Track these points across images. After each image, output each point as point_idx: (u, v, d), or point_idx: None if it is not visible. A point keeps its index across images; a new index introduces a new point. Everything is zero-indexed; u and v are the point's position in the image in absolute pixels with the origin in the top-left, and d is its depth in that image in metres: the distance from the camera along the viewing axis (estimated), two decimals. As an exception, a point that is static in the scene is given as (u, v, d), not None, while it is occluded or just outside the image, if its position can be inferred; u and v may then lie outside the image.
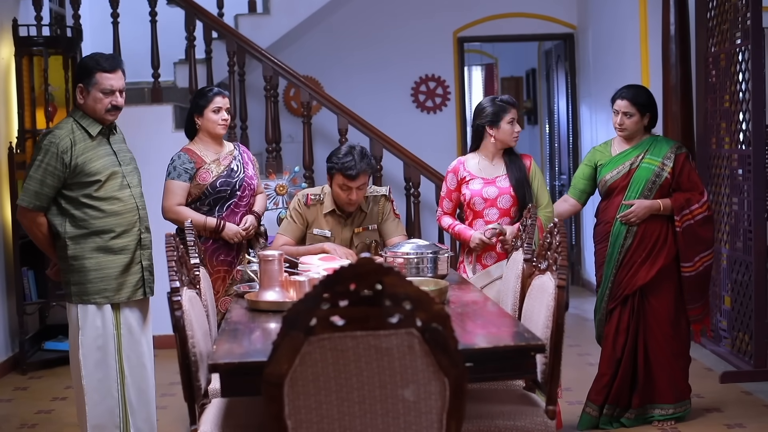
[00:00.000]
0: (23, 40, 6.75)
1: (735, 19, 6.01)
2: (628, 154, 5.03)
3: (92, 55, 4.28)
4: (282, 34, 8.56)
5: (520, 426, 3.36)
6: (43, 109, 6.74)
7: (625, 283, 4.98)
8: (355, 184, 4.69)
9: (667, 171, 4.95)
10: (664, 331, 4.99)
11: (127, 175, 4.30)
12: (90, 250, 4.17)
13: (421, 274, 4.20)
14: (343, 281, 2.49)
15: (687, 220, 4.94)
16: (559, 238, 3.52)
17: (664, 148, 5.00)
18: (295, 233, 4.87)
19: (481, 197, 4.84)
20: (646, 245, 4.95)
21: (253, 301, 3.79)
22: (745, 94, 5.90)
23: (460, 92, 9.54)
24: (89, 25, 8.16)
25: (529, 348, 3.15)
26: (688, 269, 4.99)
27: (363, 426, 2.63)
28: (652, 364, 4.99)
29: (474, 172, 4.90)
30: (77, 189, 4.15)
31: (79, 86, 4.24)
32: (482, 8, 9.36)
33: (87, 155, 4.15)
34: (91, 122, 4.22)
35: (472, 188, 4.88)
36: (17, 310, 6.59)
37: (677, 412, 5.05)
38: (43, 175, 4.11)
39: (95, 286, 4.18)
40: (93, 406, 4.20)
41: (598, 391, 5.04)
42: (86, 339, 4.20)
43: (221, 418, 3.41)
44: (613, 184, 5.02)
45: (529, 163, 4.95)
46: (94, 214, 4.16)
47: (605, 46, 8.50)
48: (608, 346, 5.02)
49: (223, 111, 5.00)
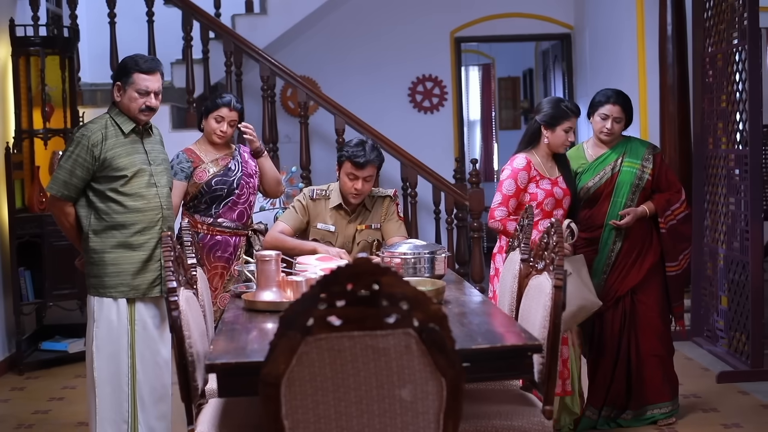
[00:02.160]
0: (20, 40, 6.74)
1: (732, 19, 6.01)
2: (607, 158, 5.00)
3: (133, 56, 4.35)
4: (279, 34, 8.57)
5: (517, 426, 3.36)
6: (40, 109, 6.72)
7: (617, 285, 4.98)
8: (362, 173, 4.72)
9: (647, 173, 4.97)
10: (656, 329, 5.00)
11: (156, 175, 4.34)
12: (109, 244, 4.23)
13: (419, 274, 4.20)
14: (340, 281, 2.49)
15: (670, 220, 4.98)
16: (555, 238, 3.52)
17: (641, 150, 5.00)
18: (294, 223, 4.88)
19: (553, 197, 4.74)
20: (635, 248, 4.97)
21: (250, 301, 3.79)
22: (742, 94, 5.90)
23: (457, 92, 9.56)
24: (86, 25, 8.17)
25: (526, 348, 3.15)
26: (673, 268, 5.03)
27: (360, 426, 2.63)
28: (646, 363, 4.99)
29: (541, 171, 4.78)
30: (104, 182, 4.20)
31: (117, 84, 4.30)
32: (479, 8, 9.38)
33: (116, 150, 4.21)
34: (125, 120, 4.28)
35: (544, 187, 4.73)
36: (14, 310, 6.57)
37: (675, 408, 5.08)
38: (73, 165, 4.17)
39: (112, 279, 4.23)
40: (103, 398, 4.23)
41: (596, 394, 5.04)
42: (100, 331, 4.24)
43: (218, 419, 3.41)
44: (598, 191, 4.98)
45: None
46: (117, 208, 4.21)
47: (602, 46, 8.51)
48: (605, 349, 5.02)
49: (225, 122, 5.02)
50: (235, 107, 5.05)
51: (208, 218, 5.01)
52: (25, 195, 6.83)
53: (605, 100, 4.97)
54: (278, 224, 4.91)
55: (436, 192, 7.49)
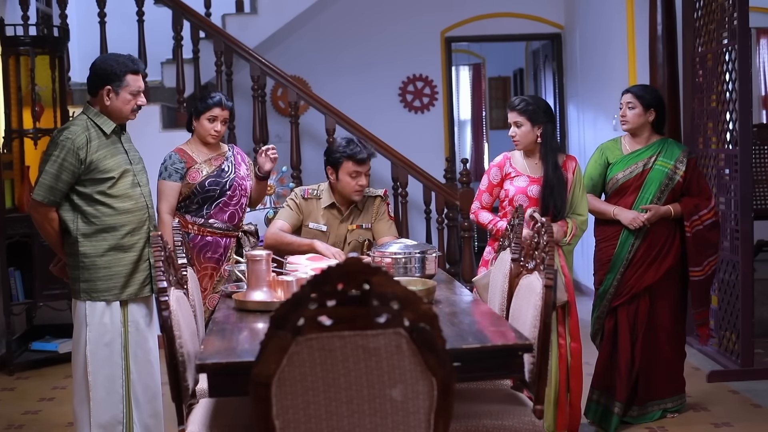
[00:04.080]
0: (10, 40, 6.73)
1: (722, 19, 6.02)
2: (641, 154, 5.05)
3: (115, 57, 4.27)
4: (269, 33, 8.56)
5: (507, 425, 3.36)
6: (30, 108, 6.70)
7: (633, 282, 5.01)
8: (364, 168, 4.81)
9: (679, 174, 4.99)
10: (667, 330, 5.05)
11: (138, 174, 4.33)
12: (101, 247, 4.19)
13: (409, 273, 4.20)
14: (330, 281, 2.49)
15: (696, 225, 5.00)
16: (546, 238, 3.53)
17: (676, 152, 5.04)
18: (291, 220, 4.93)
19: (525, 195, 4.75)
20: (655, 246, 5.00)
21: (240, 301, 3.79)
22: (731, 94, 5.92)
23: (447, 92, 9.56)
24: (76, 24, 8.15)
25: (517, 347, 3.16)
26: (697, 273, 5.06)
27: (351, 426, 2.63)
28: (653, 361, 5.03)
29: (519, 169, 4.83)
30: (90, 185, 4.16)
31: (106, 88, 4.21)
32: (470, 8, 9.38)
33: (101, 152, 4.17)
34: (105, 120, 4.24)
35: (517, 185, 4.78)
36: (4, 311, 6.56)
37: (676, 405, 5.15)
38: (59, 170, 4.11)
39: (105, 283, 4.20)
40: (98, 401, 4.21)
41: (623, 389, 5.04)
42: (93, 335, 4.20)
43: (209, 419, 3.40)
44: (626, 183, 5.03)
45: (574, 165, 4.81)
46: (106, 210, 4.18)
47: (592, 46, 8.52)
48: (619, 344, 5.03)
49: (218, 122, 5.01)
50: (226, 105, 5.04)
51: (199, 219, 4.99)
52: (14, 195, 6.81)
53: (623, 92, 5.12)
54: (277, 222, 4.94)
55: (426, 192, 7.50)
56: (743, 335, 5.83)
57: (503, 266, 4.09)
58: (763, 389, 5.65)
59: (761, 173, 7.47)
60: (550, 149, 4.73)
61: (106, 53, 4.37)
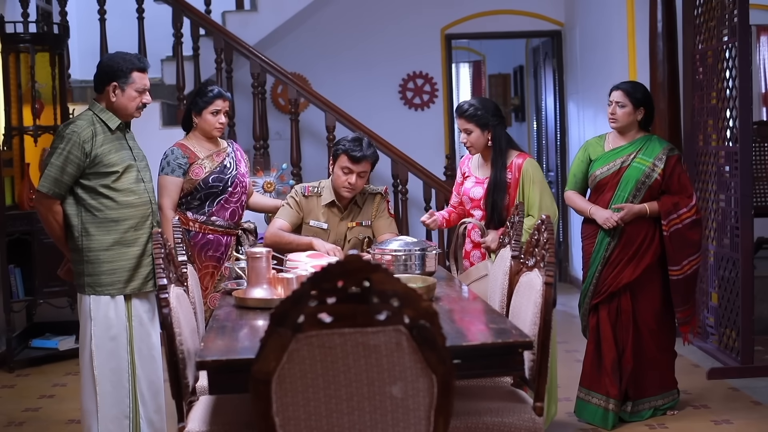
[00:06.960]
0: (10, 37, 6.72)
1: (722, 16, 6.02)
2: (621, 151, 5.03)
3: (122, 55, 4.31)
4: (269, 31, 8.56)
5: (507, 422, 3.36)
6: (29, 106, 6.71)
7: (610, 280, 5.00)
8: (357, 168, 4.79)
9: (657, 172, 4.96)
10: (650, 328, 5.03)
11: (141, 170, 4.36)
12: (105, 241, 4.21)
13: (409, 271, 4.20)
14: (330, 278, 2.49)
15: (675, 224, 4.94)
16: (546, 235, 3.52)
17: (657, 149, 5.00)
18: (291, 218, 4.93)
19: (468, 196, 4.84)
20: (632, 245, 4.97)
21: (240, 298, 3.79)
22: (732, 91, 5.92)
23: (447, 89, 9.54)
24: (76, 21, 8.15)
25: (517, 345, 3.16)
26: (675, 272, 5.00)
27: (351, 423, 2.64)
28: (640, 359, 5.02)
29: (472, 169, 4.91)
30: (95, 179, 4.18)
31: (112, 84, 4.24)
32: (470, 5, 9.37)
33: (106, 147, 4.20)
34: (110, 116, 4.27)
35: (466, 186, 4.90)
36: (4, 308, 6.55)
37: (666, 402, 5.13)
38: (64, 162, 4.13)
39: (108, 277, 4.22)
40: (104, 396, 4.23)
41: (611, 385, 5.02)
42: (98, 329, 4.23)
43: (209, 416, 3.41)
44: (603, 180, 5.03)
45: (520, 163, 4.71)
46: (110, 204, 4.20)
47: (593, 43, 8.51)
48: (603, 342, 5.03)
49: (221, 114, 5.02)
50: (226, 96, 5.06)
51: (200, 216, 4.98)
52: (15, 192, 6.81)
53: (612, 88, 5.08)
54: (276, 221, 4.96)
55: (426, 189, 7.50)
56: (743, 332, 5.83)
57: (503, 263, 4.09)
58: (763, 386, 5.65)
59: (761, 170, 7.47)
60: (499, 151, 4.74)
61: (115, 52, 4.38)
